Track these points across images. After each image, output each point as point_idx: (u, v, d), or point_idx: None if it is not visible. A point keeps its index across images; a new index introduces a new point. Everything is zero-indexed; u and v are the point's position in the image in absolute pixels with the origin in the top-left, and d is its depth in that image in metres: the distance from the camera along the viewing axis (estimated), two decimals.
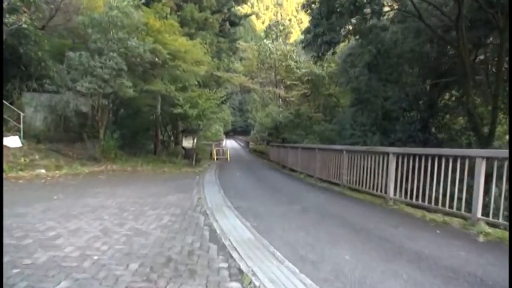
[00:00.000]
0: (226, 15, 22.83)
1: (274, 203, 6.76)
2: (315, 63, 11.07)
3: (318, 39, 8.58)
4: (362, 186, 7.79)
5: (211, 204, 6.37)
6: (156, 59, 11.29)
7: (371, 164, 7.40)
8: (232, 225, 4.88)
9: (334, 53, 10.56)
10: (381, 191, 7.07)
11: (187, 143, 18.60)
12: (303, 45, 9.58)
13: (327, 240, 4.27)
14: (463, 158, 5.27)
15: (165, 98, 14.71)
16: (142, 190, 7.68)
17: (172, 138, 22.20)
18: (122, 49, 10.28)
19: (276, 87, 19.29)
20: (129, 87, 10.60)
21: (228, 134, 63.70)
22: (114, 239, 3.93)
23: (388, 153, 6.83)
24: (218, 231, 4.50)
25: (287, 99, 18.31)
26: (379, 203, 6.82)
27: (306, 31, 9.36)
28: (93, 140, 13.74)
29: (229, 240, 4.15)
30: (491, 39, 8.99)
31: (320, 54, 9.17)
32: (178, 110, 12.44)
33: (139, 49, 10.34)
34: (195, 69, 13.05)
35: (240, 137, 60.05)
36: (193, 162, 13.70)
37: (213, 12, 21.76)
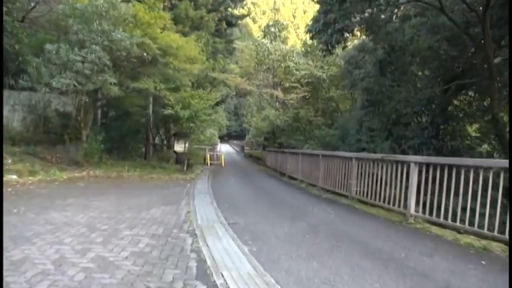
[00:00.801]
0: (223, 15, 21.94)
1: (275, 219, 5.77)
2: (324, 56, 10.15)
3: (329, 29, 7.66)
4: (375, 199, 6.84)
5: (201, 221, 5.37)
6: (145, 54, 10.27)
7: (387, 175, 6.46)
8: (226, 251, 3.88)
9: (344, 47, 9.66)
10: (398, 206, 6.12)
11: (179, 147, 17.57)
12: (311, 34, 8.65)
13: (348, 275, 3.29)
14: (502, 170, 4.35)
15: (157, 99, 13.72)
16: (123, 201, 6.64)
17: (165, 141, 21.14)
18: (106, 42, 9.27)
19: (274, 90, 18.36)
20: (114, 84, 9.56)
21: (222, 139, 62.94)
22: (67, 278, 2.91)
23: (408, 163, 5.89)
24: (208, 262, 3.50)
25: (286, 101, 17.35)
26: (398, 221, 5.86)
27: (314, 20, 8.43)
28: (76, 142, 12.65)
29: (223, 276, 3.15)
30: None
31: (330, 47, 8.24)
32: (169, 111, 11.42)
33: (125, 42, 9.33)
34: (188, 67, 12.06)
35: (235, 142, 59.12)
36: (185, 168, 12.66)
37: (209, 11, 20.86)
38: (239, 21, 26.11)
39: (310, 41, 22.10)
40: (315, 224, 5.42)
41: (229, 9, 23.29)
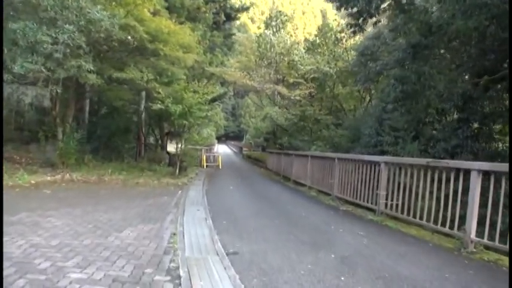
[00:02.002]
0: (221, 6, 20.46)
1: (291, 246, 4.26)
2: (354, 33, 8.61)
3: None
4: (414, 216, 5.36)
5: (190, 250, 3.87)
6: (129, 38, 8.75)
7: (432, 185, 4.99)
8: None
9: (376, 23, 8.11)
10: (450, 228, 4.64)
11: (172, 147, 16.04)
12: (337, 4, 7.12)
13: None
14: None
15: (150, 94, 12.16)
16: (89, 217, 5.11)
17: (159, 141, 19.58)
18: (82, 22, 7.74)
19: (277, 85, 16.82)
20: (91, 71, 8.03)
21: (220, 139, 61.60)
22: None
23: (469, 170, 4.42)
24: None
25: (291, 98, 15.78)
26: (453, 248, 4.39)
27: None
28: (54, 141, 11.10)
29: None
30: None
31: (362, 21, 6.77)
32: (158, 106, 9.89)
33: (105, 23, 7.81)
34: (181, 55, 10.52)
35: (233, 142, 57.63)
36: (177, 171, 11.13)
37: (206, 2, 19.37)
38: (238, 15, 24.68)
39: (315, 38, 20.77)
40: (347, 256, 3.92)
41: (228, 0, 21.85)
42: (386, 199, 6.12)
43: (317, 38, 20.15)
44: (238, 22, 35.84)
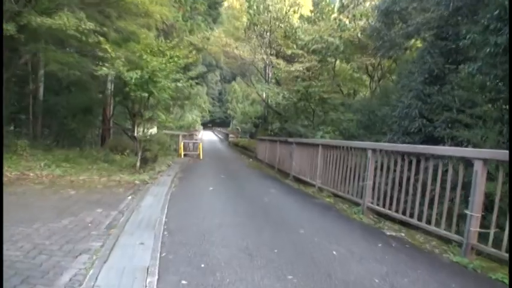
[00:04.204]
0: None
1: None
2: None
3: None
4: None
5: None
6: None
7: None
8: None
9: None
10: None
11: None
12: None
13: None
14: None
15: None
16: None
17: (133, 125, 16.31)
18: None
19: (272, 56, 13.74)
20: None
21: (206, 125, 58.79)
22: None
23: None
24: None
25: (290, 72, 12.72)
26: None
27: None
28: None
29: None
30: None
31: None
32: (104, 70, 6.83)
33: None
34: (143, 1, 7.40)
35: (219, 129, 54.63)
36: (138, 164, 8.18)
37: None
38: None
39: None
40: None
41: None
42: (484, 220, 3.40)
43: (313, 13, 17.29)
44: None
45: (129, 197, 5.65)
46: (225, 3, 20.43)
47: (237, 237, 3.86)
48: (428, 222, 4.06)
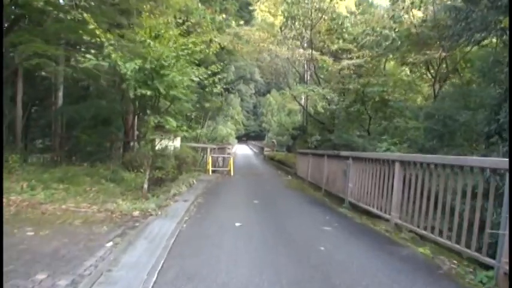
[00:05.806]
0: None
1: None
2: None
3: None
4: None
5: None
6: None
7: None
8: None
9: None
10: None
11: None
12: None
13: None
14: None
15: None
16: None
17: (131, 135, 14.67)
18: None
19: (316, 52, 11.43)
20: None
21: (240, 139, 57.44)
22: None
23: None
24: None
25: (336, 70, 10.37)
26: None
27: None
28: None
29: None
30: None
31: None
32: (90, 62, 5.01)
33: None
34: None
35: (254, 142, 52.89)
36: (145, 185, 6.25)
37: None
38: None
39: None
40: None
41: None
42: None
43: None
44: None
45: (109, 244, 3.66)
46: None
47: None
48: None
